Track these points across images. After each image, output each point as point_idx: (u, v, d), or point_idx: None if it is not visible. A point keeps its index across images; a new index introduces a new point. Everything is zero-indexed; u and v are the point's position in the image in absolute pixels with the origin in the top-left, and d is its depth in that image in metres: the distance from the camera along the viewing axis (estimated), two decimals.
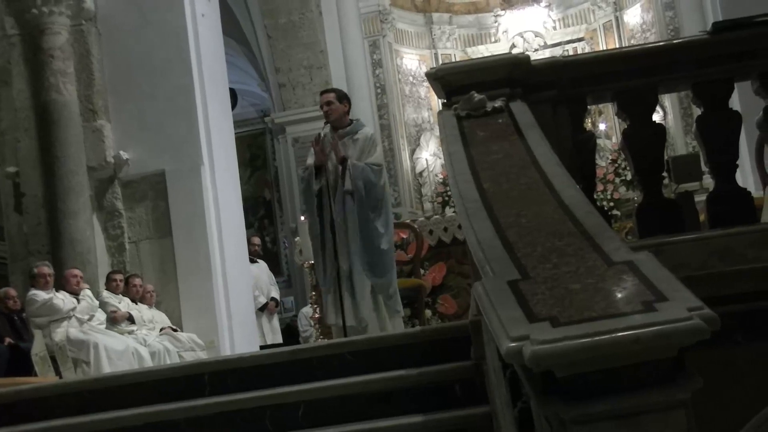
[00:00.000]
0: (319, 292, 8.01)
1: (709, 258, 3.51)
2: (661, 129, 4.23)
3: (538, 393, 1.97)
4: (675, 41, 6.16)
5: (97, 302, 8.43)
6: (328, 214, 6.43)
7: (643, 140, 4.06)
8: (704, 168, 4.40)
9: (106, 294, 8.71)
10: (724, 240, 3.56)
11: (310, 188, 6.58)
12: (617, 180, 13.96)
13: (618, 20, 15.82)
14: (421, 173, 15.87)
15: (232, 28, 14.28)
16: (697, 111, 4.28)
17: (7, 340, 8.07)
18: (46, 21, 9.19)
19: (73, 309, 8.13)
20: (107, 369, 7.64)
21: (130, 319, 8.65)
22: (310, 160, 6.67)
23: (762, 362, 3.39)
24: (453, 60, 15.69)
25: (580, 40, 16.22)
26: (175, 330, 8.89)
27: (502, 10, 16.36)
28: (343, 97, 6.78)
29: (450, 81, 3.99)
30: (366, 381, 4.06)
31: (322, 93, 6.96)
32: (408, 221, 9.30)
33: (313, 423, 3.94)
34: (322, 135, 6.65)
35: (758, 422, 3.18)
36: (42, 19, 9.19)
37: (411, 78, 16.28)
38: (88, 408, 4.42)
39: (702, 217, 4.40)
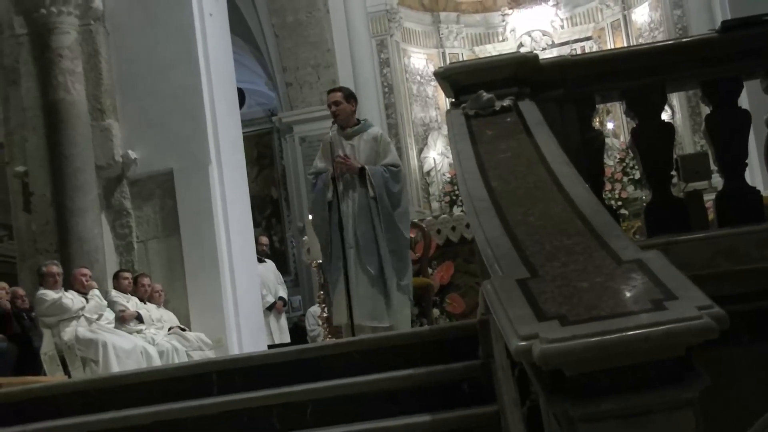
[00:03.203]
0: (327, 291, 8.02)
1: (715, 257, 3.50)
2: (669, 128, 4.22)
3: (546, 391, 1.97)
4: (683, 40, 6.16)
5: (105, 301, 8.45)
6: (336, 217, 6.41)
7: (652, 139, 4.05)
8: (713, 167, 4.39)
9: (114, 293, 8.73)
10: (731, 239, 3.55)
11: (323, 197, 6.53)
12: (625, 179, 13.93)
13: (626, 19, 15.80)
14: (428, 172, 15.87)
15: (239, 27, 14.29)
16: (706, 110, 4.27)
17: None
18: (54, 20, 9.22)
19: (82, 308, 8.15)
20: (116, 368, 7.65)
21: (139, 319, 8.66)
22: (320, 164, 6.63)
23: (764, 362, 3.38)
24: (460, 59, 15.68)
25: (587, 39, 16.19)
26: (183, 329, 8.91)
27: (509, 9, 16.34)
28: (350, 96, 6.72)
29: (458, 80, 3.99)
30: (373, 380, 4.06)
31: (329, 92, 6.91)
32: (416, 220, 9.29)
33: (321, 422, 3.94)
34: (329, 137, 6.59)
35: (762, 425, 3.17)
36: (50, 18, 9.21)
37: (418, 77, 16.28)
38: (96, 407, 4.43)
39: (711, 216, 4.39)
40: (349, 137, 6.58)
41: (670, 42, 6.39)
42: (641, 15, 15.56)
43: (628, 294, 2.03)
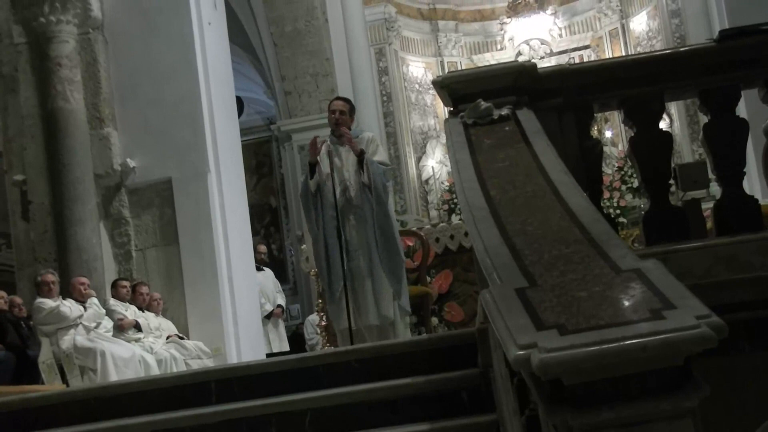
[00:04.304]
0: (325, 299, 8.01)
1: (715, 266, 3.50)
2: (667, 136, 4.23)
3: (545, 400, 1.97)
4: (681, 49, 6.16)
5: (103, 310, 8.44)
6: (331, 214, 6.45)
7: (650, 148, 4.06)
8: (711, 175, 4.40)
9: (112, 302, 8.72)
10: (730, 248, 3.56)
11: (306, 189, 6.60)
12: (623, 187, 13.95)
13: (624, 28, 15.85)
14: (427, 181, 15.88)
15: (238, 35, 14.31)
16: (704, 118, 4.27)
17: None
18: (53, 29, 9.23)
19: (80, 317, 8.14)
20: (114, 377, 7.64)
21: (137, 327, 8.65)
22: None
23: (764, 370, 3.38)
24: (459, 67, 15.72)
25: (586, 47, 16.25)
26: (181, 338, 8.90)
27: (508, 17, 16.38)
28: (353, 112, 6.85)
29: (457, 89, 3.99)
30: (372, 389, 4.06)
31: (336, 99, 7.02)
32: (414, 229, 9.29)
33: (320, 431, 3.93)
34: (327, 144, 6.68)
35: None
36: (49, 27, 9.22)
37: (417, 85, 16.31)
38: (94, 416, 4.42)
39: (709, 225, 4.39)
40: (343, 143, 6.65)
41: (668, 51, 6.41)
42: (639, 24, 15.60)
43: (626, 303, 2.03)
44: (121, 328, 8.53)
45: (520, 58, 14.69)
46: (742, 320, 3.24)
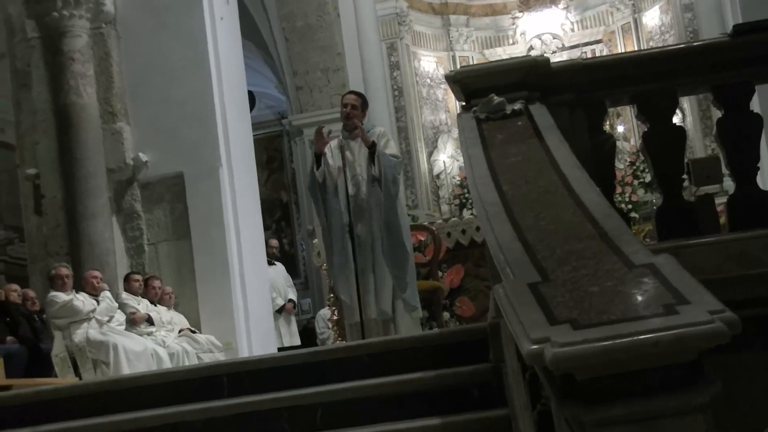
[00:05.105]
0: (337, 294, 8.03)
1: (726, 262, 3.49)
2: (681, 131, 4.22)
3: (558, 395, 1.97)
4: (695, 44, 6.13)
5: (116, 303, 8.47)
6: (339, 209, 6.46)
7: (663, 143, 4.05)
8: (725, 171, 4.39)
9: (125, 295, 8.75)
10: (741, 244, 3.54)
11: (313, 180, 6.60)
12: (635, 182, 13.92)
13: (636, 22, 15.79)
14: (438, 175, 15.87)
15: (250, 31, 14.32)
16: (717, 113, 4.26)
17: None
18: (66, 24, 9.25)
19: (93, 310, 8.17)
20: (126, 370, 7.67)
21: (149, 321, 8.68)
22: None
23: None
24: (470, 62, 15.70)
25: (598, 42, 16.20)
26: (193, 331, 8.92)
27: (519, 12, 16.33)
28: (365, 106, 6.83)
29: (469, 84, 3.99)
30: (383, 383, 4.06)
31: (348, 93, 7.02)
32: (425, 223, 9.30)
33: (331, 425, 3.93)
34: (339, 141, 6.68)
35: None
36: (62, 22, 9.24)
37: (428, 80, 16.29)
38: (106, 409, 4.44)
39: (723, 220, 4.38)
40: (355, 138, 6.65)
41: (681, 46, 6.38)
42: (652, 18, 15.54)
43: (639, 298, 2.03)
44: (133, 322, 8.56)
45: (532, 53, 14.67)
46: (749, 317, 3.22)
